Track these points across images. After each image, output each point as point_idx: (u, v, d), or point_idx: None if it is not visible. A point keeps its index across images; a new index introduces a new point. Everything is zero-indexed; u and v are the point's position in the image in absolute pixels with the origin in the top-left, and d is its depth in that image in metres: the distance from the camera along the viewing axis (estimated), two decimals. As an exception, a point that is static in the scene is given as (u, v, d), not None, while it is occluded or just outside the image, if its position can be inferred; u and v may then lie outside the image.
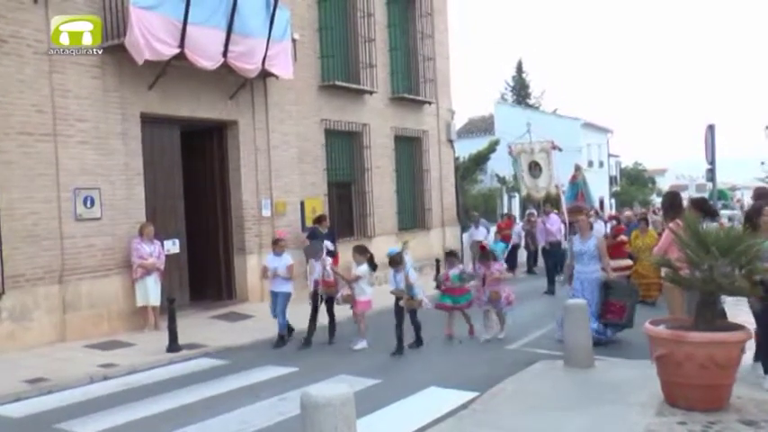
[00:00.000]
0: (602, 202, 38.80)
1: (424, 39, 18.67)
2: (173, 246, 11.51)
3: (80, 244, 10.27)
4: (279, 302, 9.84)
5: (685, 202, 9.32)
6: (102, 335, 10.28)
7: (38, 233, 9.80)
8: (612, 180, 46.64)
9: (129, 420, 6.54)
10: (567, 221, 14.98)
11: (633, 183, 53.82)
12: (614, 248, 13.05)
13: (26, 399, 7.39)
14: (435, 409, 6.46)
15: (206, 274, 13.04)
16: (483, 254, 10.18)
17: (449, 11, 20.25)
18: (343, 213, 16.14)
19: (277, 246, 10.20)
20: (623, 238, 13.37)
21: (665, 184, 63.28)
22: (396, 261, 9.25)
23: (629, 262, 12.97)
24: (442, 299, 9.98)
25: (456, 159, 21.92)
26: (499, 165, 29.57)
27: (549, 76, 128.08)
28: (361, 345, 9.36)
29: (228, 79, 12.37)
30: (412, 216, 18.58)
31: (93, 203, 10.43)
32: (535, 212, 18.24)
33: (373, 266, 9.65)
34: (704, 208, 8.25)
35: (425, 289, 10.03)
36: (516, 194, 27.58)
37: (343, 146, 16.24)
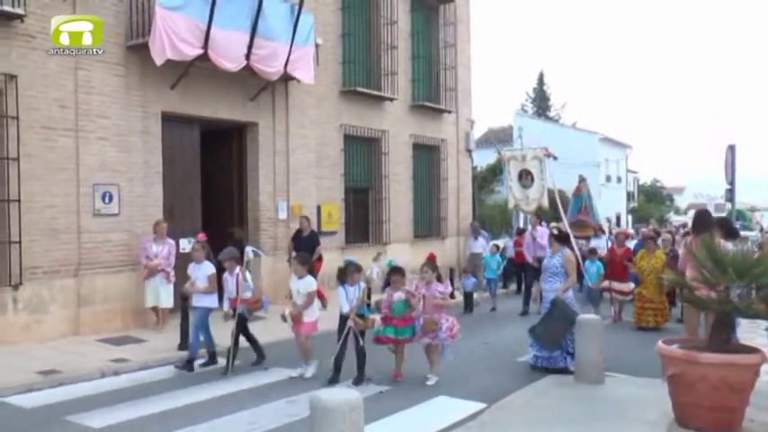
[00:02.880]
0: (618, 218, 38.55)
1: (447, 48, 18.72)
2: (188, 245, 11.57)
3: (97, 239, 10.38)
4: (197, 318, 8.56)
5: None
6: (115, 330, 10.37)
7: (56, 226, 9.91)
8: (630, 196, 46.39)
9: (139, 416, 6.58)
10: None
11: (651, 200, 53.52)
12: (618, 269, 12.55)
13: (38, 390, 7.48)
14: (443, 418, 6.45)
15: (220, 273, 13.04)
16: (428, 265, 8.10)
17: (472, 20, 20.30)
18: (359, 219, 16.18)
19: (195, 252, 8.83)
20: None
21: (683, 202, 62.80)
22: (345, 275, 7.92)
23: (631, 285, 12.31)
24: (384, 330, 7.94)
25: (474, 169, 21.87)
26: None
27: (571, 89, 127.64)
28: (311, 371, 8.07)
29: (250, 81, 12.46)
30: (427, 224, 18.57)
31: (111, 199, 10.53)
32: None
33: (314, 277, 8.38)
34: (726, 228, 8.14)
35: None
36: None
37: (362, 152, 16.29)
